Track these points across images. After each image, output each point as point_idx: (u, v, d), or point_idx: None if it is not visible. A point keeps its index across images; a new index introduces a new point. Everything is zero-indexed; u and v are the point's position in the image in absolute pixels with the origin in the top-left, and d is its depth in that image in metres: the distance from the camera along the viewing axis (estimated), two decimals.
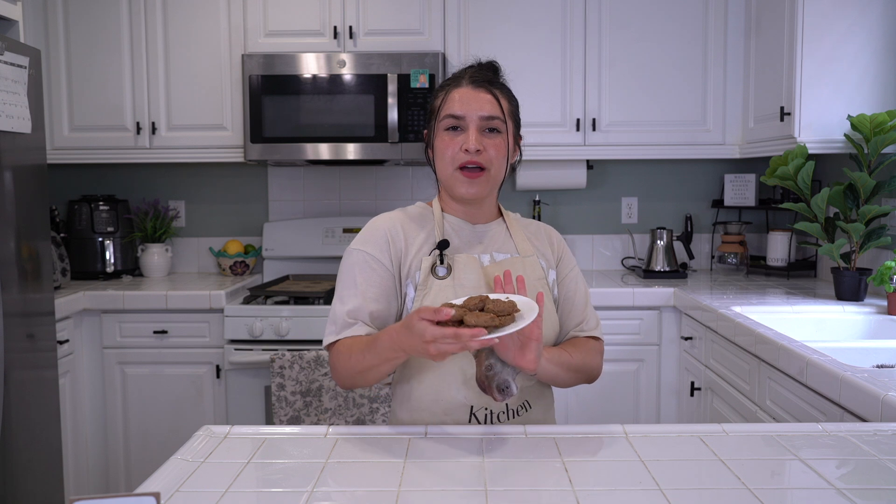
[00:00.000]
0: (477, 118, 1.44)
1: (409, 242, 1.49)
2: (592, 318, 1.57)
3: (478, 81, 1.47)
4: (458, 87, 1.47)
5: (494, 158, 1.46)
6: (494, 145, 1.46)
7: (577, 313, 1.55)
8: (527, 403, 1.48)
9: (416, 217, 1.54)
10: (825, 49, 2.54)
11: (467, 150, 1.43)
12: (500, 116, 1.46)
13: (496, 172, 1.48)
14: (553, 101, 3.06)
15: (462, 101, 1.45)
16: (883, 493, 1.03)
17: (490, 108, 1.45)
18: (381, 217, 1.54)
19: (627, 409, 2.85)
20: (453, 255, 1.48)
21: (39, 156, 2.41)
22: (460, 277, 1.45)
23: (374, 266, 1.46)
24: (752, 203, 3.20)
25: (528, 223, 1.61)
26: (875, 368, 1.79)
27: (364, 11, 3.04)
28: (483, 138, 1.45)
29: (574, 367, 1.46)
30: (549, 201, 3.42)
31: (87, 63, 3.08)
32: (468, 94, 1.46)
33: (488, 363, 1.28)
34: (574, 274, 1.58)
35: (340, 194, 3.44)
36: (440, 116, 1.47)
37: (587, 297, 1.59)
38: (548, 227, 1.64)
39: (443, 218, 1.53)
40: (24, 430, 2.28)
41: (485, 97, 1.46)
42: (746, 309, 2.38)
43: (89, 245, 3.22)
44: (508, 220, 1.57)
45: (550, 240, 1.60)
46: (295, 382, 2.61)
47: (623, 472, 1.11)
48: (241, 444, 1.23)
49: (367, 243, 1.48)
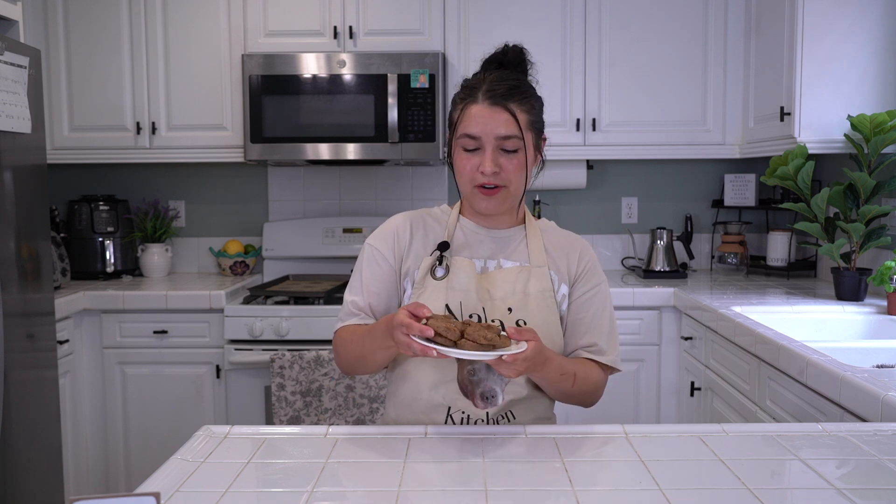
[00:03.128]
0: (493, 139, 1.41)
1: (414, 241, 1.51)
2: (606, 343, 1.48)
3: (494, 97, 1.42)
4: (474, 103, 1.43)
5: (513, 175, 1.43)
6: (512, 164, 1.43)
7: (590, 335, 1.48)
8: (510, 414, 1.44)
9: (435, 217, 1.56)
10: (825, 49, 2.54)
11: (483, 173, 1.42)
12: (518, 134, 1.42)
13: (515, 188, 1.46)
14: (553, 101, 3.06)
15: (478, 121, 1.42)
16: (883, 493, 1.03)
17: (506, 128, 1.41)
18: (398, 215, 1.57)
19: (627, 409, 2.85)
20: (452, 257, 1.48)
21: (39, 156, 2.41)
22: (453, 280, 1.45)
23: (379, 261, 1.51)
24: (752, 203, 3.20)
25: (558, 234, 1.56)
26: (875, 368, 1.79)
27: (364, 11, 3.04)
28: (500, 157, 1.42)
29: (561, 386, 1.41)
30: (549, 201, 3.42)
31: (87, 63, 3.08)
32: (484, 114, 1.42)
33: (471, 368, 1.28)
34: (590, 295, 1.50)
35: (340, 194, 3.44)
36: (457, 133, 1.45)
37: (607, 322, 1.50)
38: (583, 244, 1.56)
39: (457, 220, 1.53)
40: (24, 430, 2.28)
41: (501, 117, 1.41)
42: (746, 309, 2.38)
43: (89, 245, 3.22)
44: (529, 228, 1.53)
45: (579, 256, 1.52)
46: (295, 382, 2.61)
47: (623, 472, 1.11)
48: (241, 444, 1.23)
49: (377, 239, 1.54)
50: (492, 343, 1.22)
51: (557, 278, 1.50)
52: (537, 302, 1.45)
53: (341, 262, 3.32)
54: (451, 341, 1.22)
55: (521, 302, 1.45)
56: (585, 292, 1.50)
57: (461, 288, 1.44)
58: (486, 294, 1.45)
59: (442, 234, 1.52)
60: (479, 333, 1.22)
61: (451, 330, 1.22)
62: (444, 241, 1.48)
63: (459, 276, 1.45)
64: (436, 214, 1.57)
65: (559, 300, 1.49)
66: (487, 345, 1.21)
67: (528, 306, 1.45)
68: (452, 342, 1.22)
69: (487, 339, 1.22)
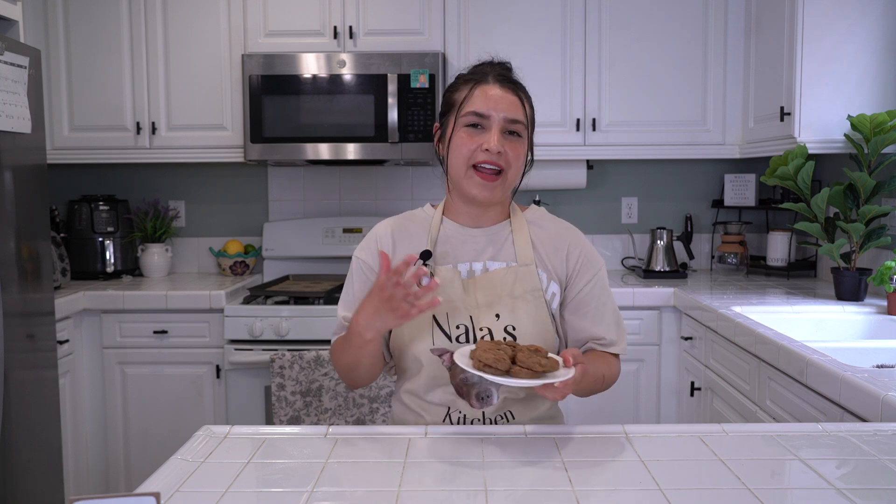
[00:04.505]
0: (502, 119, 1.41)
1: (398, 250, 1.49)
2: (615, 334, 1.48)
3: (504, 81, 1.44)
4: (484, 84, 1.43)
5: (513, 162, 1.42)
6: (515, 149, 1.42)
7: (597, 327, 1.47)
8: (509, 414, 1.43)
9: (418, 222, 1.53)
10: (825, 49, 2.54)
11: (488, 150, 1.40)
12: (524, 121, 1.43)
13: (513, 177, 1.44)
14: (553, 101, 3.06)
15: (489, 100, 1.41)
16: (883, 493, 1.03)
17: (515, 112, 1.42)
18: (380, 224, 1.55)
19: (627, 409, 2.85)
20: (436, 266, 1.46)
21: (39, 156, 2.41)
22: (438, 291, 1.40)
23: (366, 273, 1.51)
24: (752, 203, 3.20)
25: (547, 226, 1.52)
26: (875, 368, 1.79)
27: (364, 11, 3.04)
28: (505, 141, 1.41)
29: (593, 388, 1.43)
30: (549, 201, 3.42)
31: (87, 63, 3.08)
32: (496, 94, 1.42)
33: (463, 377, 1.28)
34: (590, 288, 1.48)
35: (340, 194, 3.44)
36: (462, 112, 1.43)
37: (611, 310, 1.50)
38: (573, 235, 1.52)
39: (440, 224, 1.50)
40: (24, 430, 2.28)
41: (511, 99, 1.42)
42: (746, 309, 2.38)
43: (89, 245, 3.22)
44: (515, 223, 1.50)
45: (567, 252, 1.49)
46: (295, 382, 2.61)
47: (623, 472, 1.11)
48: (241, 444, 1.23)
49: (363, 251, 1.53)
50: (545, 369, 1.20)
51: (546, 276, 1.47)
52: (525, 304, 1.43)
53: (341, 262, 3.32)
54: (501, 371, 1.19)
55: (509, 306, 1.43)
56: (584, 286, 1.48)
57: (447, 298, 1.41)
58: (472, 302, 1.43)
59: (425, 239, 1.49)
60: (534, 360, 1.20)
61: (500, 360, 1.19)
62: (427, 250, 1.45)
63: (444, 287, 1.42)
64: (419, 217, 1.54)
65: (549, 299, 1.46)
66: (541, 372, 1.20)
67: (517, 309, 1.43)
68: (504, 372, 1.19)
69: (542, 366, 1.20)
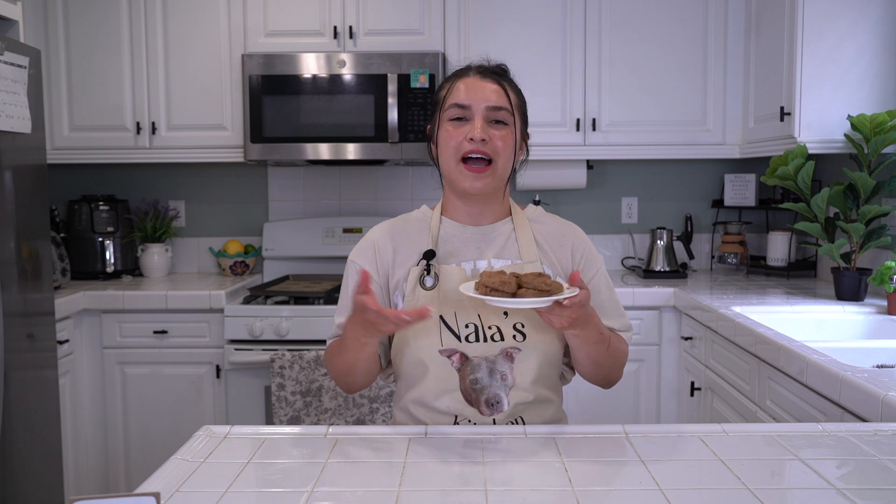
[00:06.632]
0: (483, 108, 1.39)
1: (396, 254, 1.47)
2: (621, 323, 1.49)
3: (485, 72, 1.44)
4: (465, 77, 1.43)
5: (501, 150, 1.40)
6: (501, 136, 1.40)
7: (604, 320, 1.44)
8: (520, 419, 1.41)
9: (415, 224, 1.51)
10: (825, 49, 2.54)
11: (472, 140, 1.38)
12: (508, 108, 1.41)
13: (503, 166, 1.42)
14: (553, 101, 3.06)
15: (468, 90, 1.41)
16: (883, 493, 1.03)
17: (497, 99, 1.40)
18: (376, 227, 1.53)
19: (627, 409, 2.85)
20: (440, 265, 1.43)
21: (39, 156, 2.41)
22: (444, 290, 1.40)
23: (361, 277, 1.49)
24: (752, 203, 3.20)
25: (548, 223, 1.52)
26: (875, 368, 1.79)
27: (364, 11, 3.04)
28: (489, 129, 1.39)
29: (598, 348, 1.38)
30: (549, 201, 3.42)
31: (87, 63, 3.08)
32: (475, 84, 1.41)
33: (472, 378, 1.28)
34: (595, 284, 1.47)
35: (340, 194, 3.44)
36: (444, 107, 1.43)
37: (615, 303, 1.50)
38: (574, 232, 1.52)
39: (440, 223, 1.49)
40: (24, 430, 2.28)
41: (491, 87, 1.41)
42: (746, 309, 2.38)
43: (89, 245, 3.22)
44: (516, 220, 1.49)
45: (571, 249, 1.49)
46: (295, 382, 2.61)
47: (623, 472, 1.11)
48: (241, 444, 1.23)
49: (359, 255, 1.50)
50: (550, 289, 1.19)
51: (552, 272, 1.46)
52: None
53: (341, 263, 3.32)
54: (508, 294, 1.18)
55: None
56: (591, 279, 1.48)
57: (453, 297, 1.40)
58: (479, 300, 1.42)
59: (426, 239, 1.47)
60: (539, 280, 1.19)
61: (507, 283, 1.19)
62: (430, 249, 1.43)
63: (450, 286, 1.40)
64: (416, 219, 1.52)
65: None
66: (548, 291, 1.18)
67: None
68: (510, 294, 1.18)
69: (548, 286, 1.18)
